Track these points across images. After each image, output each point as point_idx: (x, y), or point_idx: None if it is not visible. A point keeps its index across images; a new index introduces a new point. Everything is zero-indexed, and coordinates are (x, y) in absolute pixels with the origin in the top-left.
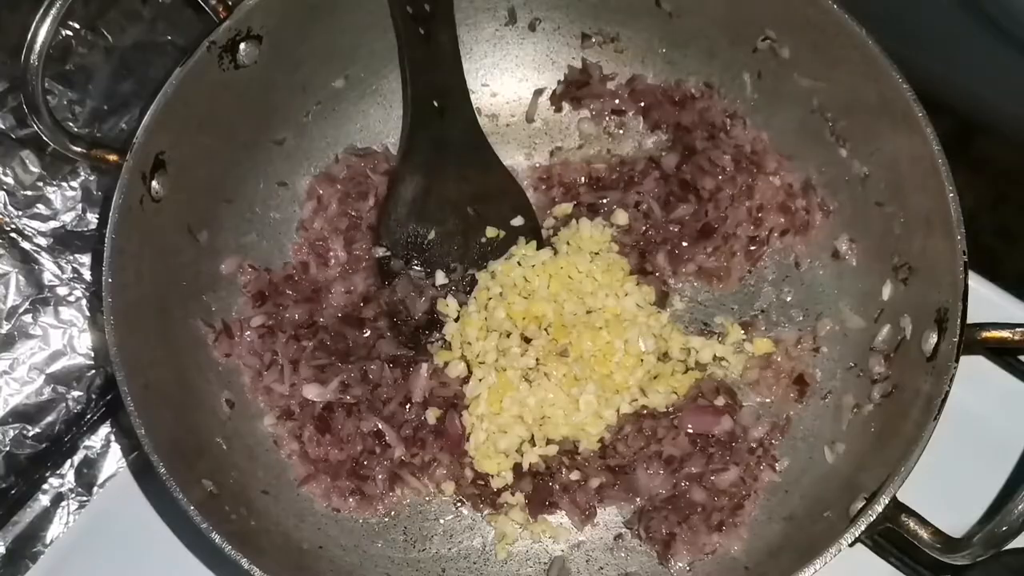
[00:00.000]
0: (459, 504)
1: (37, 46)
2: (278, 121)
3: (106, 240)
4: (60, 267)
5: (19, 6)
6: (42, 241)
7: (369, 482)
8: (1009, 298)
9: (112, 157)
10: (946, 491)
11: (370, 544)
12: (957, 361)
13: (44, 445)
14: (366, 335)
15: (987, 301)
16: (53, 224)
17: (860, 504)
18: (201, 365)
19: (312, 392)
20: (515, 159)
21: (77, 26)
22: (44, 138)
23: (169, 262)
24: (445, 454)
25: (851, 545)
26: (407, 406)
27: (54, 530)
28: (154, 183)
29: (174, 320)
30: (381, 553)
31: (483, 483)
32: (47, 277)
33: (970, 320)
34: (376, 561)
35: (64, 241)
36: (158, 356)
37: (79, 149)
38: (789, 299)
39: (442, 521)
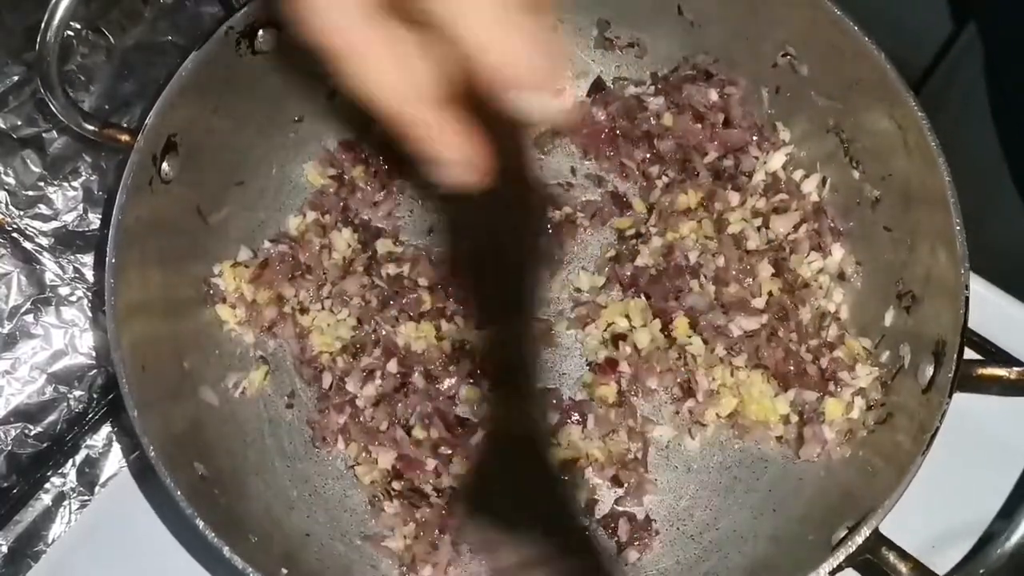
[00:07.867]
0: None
1: (55, 23)
2: (293, 107)
3: (112, 219)
4: (62, 267)
5: (21, 6)
6: (44, 241)
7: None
8: None
9: (124, 137)
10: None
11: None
12: (950, 397)
13: (46, 444)
14: None
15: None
16: (55, 224)
17: (842, 533)
18: (203, 347)
19: None
20: None
21: (78, 26)
22: (58, 115)
23: (176, 244)
24: None
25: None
26: None
27: (56, 529)
28: (165, 164)
29: (179, 301)
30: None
31: None
32: (49, 277)
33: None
34: (361, 552)
35: (66, 241)
36: (159, 337)
37: (92, 127)
38: None
39: None
